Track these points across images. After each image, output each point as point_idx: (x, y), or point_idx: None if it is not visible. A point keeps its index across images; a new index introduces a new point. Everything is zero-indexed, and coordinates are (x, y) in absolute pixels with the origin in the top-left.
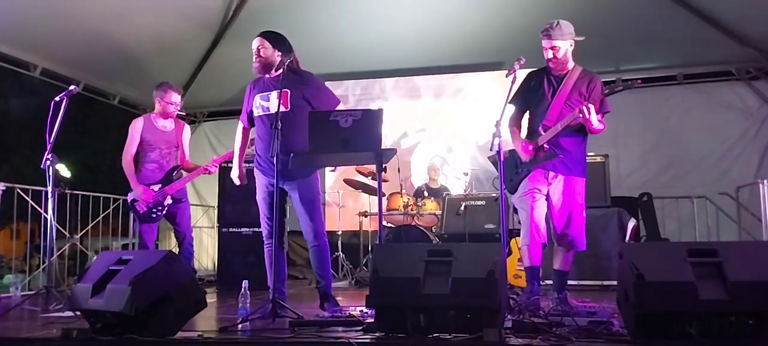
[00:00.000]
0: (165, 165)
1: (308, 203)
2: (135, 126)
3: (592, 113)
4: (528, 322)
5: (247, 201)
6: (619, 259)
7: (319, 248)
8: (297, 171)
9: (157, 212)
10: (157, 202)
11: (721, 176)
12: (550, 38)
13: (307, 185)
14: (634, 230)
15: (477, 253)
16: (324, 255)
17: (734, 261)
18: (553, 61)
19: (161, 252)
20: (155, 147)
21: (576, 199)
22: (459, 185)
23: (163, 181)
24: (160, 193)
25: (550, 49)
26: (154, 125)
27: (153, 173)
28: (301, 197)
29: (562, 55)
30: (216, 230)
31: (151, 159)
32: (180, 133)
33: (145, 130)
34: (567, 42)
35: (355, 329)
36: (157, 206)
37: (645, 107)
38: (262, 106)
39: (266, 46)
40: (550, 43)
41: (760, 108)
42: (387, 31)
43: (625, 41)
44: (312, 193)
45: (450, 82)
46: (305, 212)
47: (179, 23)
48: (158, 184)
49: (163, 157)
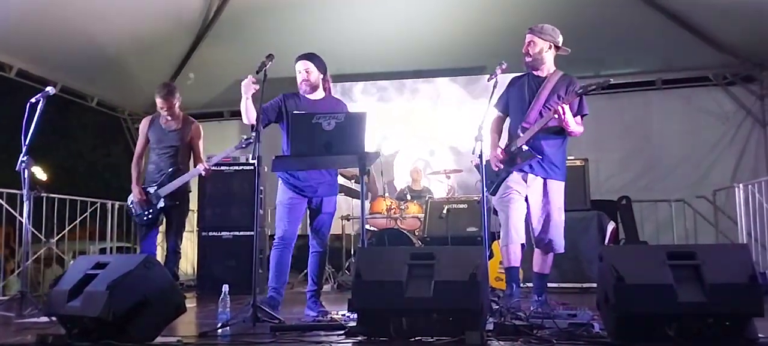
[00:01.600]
0: (162, 166)
1: (331, 215)
2: (142, 125)
3: (568, 113)
4: (509, 324)
5: (227, 205)
6: (599, 261)
7: (324, 254)
8: (325, 187)
9: (148, 215)
10: (149, 203)
11: (699, 179)
12: (531, 33)
13: (334, 200)
14: (613, 232)
15: (459, 256)
16: (325, 261)
17: (712, 264)
18: (528, 56)
19: (139, 256)
20: (155, 147)
21: (555, 202)
22: (441, 188)
23: (159, 182)
24: (154, 194)
25: (527, 44)
26: (158, 125)
27: (151, 174)
28: (327, 209)
29: (536, 51)
30: (196, 234)
31: (151, 159)
32: (186, 134)
33: (150, 130)
34: (545, 43)
35: (337, 333)
36: (149, 208)
37: (624, 112)
38: None
39: (312, 69)
40: (529, 37)
41: (736, 113)
42: (370, 35)
43: (606, 47)
44: (335, 207)
45: (432, 86)
46: (326, 223)
47: (159, 24)
48: (154, 185)
49: (160, 158)
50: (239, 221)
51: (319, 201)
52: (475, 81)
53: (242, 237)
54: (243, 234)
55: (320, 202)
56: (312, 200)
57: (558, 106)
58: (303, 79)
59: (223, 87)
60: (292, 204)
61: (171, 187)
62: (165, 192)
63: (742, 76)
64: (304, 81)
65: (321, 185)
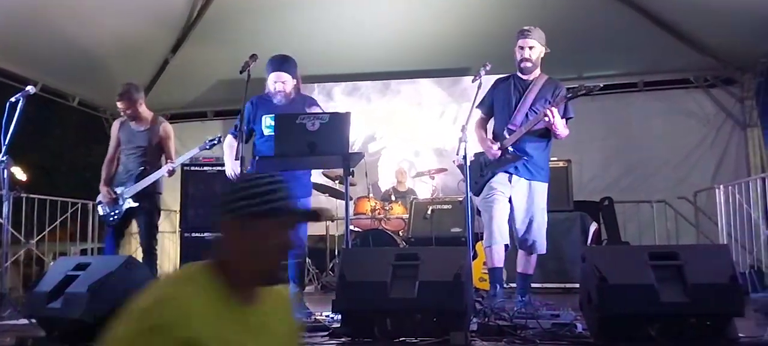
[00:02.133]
0: (130, 167)
1: None
2: (113, 127)
3: (557, 116)
4: (493, 325)
5: (210, 205)
6: (582, 262)
7: (303, 263)
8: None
9: (115, 215)
10: (115, 204)
11: (680, 181)
12: (526, 38)
13: (308, 203)
14: (595, 233)
15: (443, 256)
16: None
17: (693, 264)
18: (528, 61)
19: (121, 257)
20: (124, 148)
21: (538, 203)
22: (426, 189)
23: (127, 183)
24: (121, 195)
25: (527, 49)
26: (129, 126)
27: (120, 175)
28: None
29: (536, 56)
30: (178, 235)
31: (121, 160)
32: (154, 133)
33: (120, 131)
34: (541, 46)
35: (321, 335)
36: (114, 209)
37: (607, 114)
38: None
39: (288, 80)
40: (526, 42)
41: (717, 115)
42: (354, 36)
43: (588, 49)
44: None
45: (415, 87)
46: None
47: (141, 23)
48: (122, 186)
49: (128, 159)
50: None
51: None
52: (459, 82)
53: None
54: None
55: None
56: None
57: (548, 109)
58: (279, 91)
59: (206, 87)
60: None
61: (137, 187)
62: (131, 192)
63: (722, 78)
64: (279, 92)
65: (296, 187)
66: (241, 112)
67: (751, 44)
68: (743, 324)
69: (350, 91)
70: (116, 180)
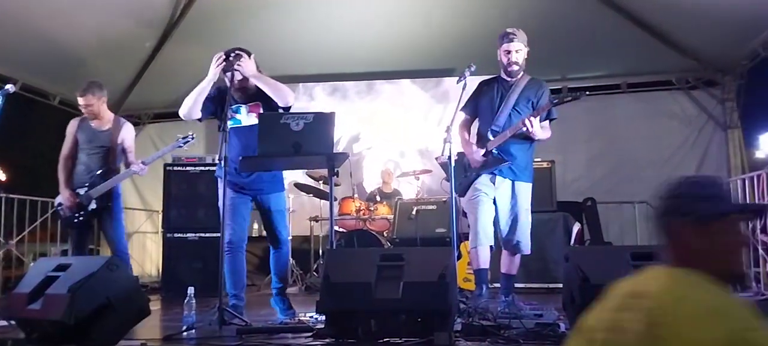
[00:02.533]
0: (93, 167)
1: (281, 212)
2: (70, 126)
3: (536, 126)
4: (477, 325)
5: (193, 205)
6: (565, 262)
7: (284, 253)
8: (269, 184)
9: (80, 217)
10: (80, 205)
11: (662, 181)
12: (512, 41)
13: (281, 196)
14: (578, 233)
15: (428, 257)
16: (287, 259)
17: None
18: (515, 64)
19: (103, 258)
20: (85, 148)
21: (522, 204)
22: (411, 190)
23: (90, 184)
24: (85, 196)
25: (515, 52)
26: (88, 125)
27: (81, 176)
28: (276, 206)
29: (523, 59)
30: (160, 235)
31: (81, 160)
32: (117, 134)
33: (79, 130)
34: (526, 47)
35: (305, 336)
36: (80, 210)
37: (590, 115)
38: (233, 118)
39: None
40: (513, 45)
41: (698, 117)
42: (338, 36)
43: (572, 50)
44: (284, 203)
45: (399, 87)
46: (278, 222)
47: (124, 22)
48: (85, 187)
49: (90, 159)
50: (205, 223)
51: (266, 199)
52: (443, 83)
53: (208, 239)
54: (209, 235)
55: (267, 200)
56: (257, 199)
57: (526, 119)
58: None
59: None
60: (234, 204)
61: (104, 187)
62: (97, 193)
63: (704, 80)
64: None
65: (264, 182)
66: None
67: (732, 47)
68: None
69: (334, 91)
70: (76, 180)
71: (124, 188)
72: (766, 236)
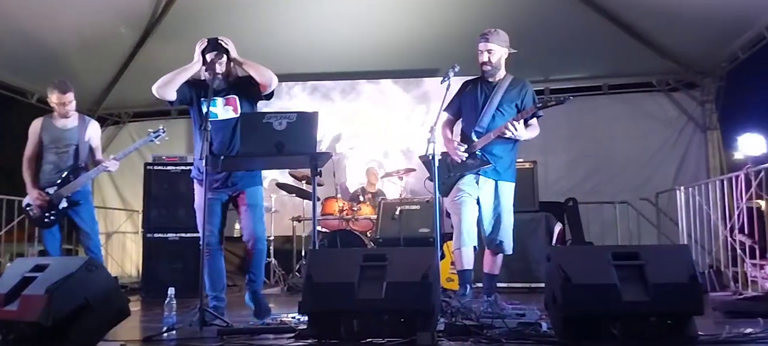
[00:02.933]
0: (62, 165)
1: (256, 207)
2: (33, 127)
3: (520, 129)
4: (460, 324)
5: (174, 205)
6: (547, 262)
7: (260, 251)
8: (246, 178)
9: (51, 216)
10: (50, 205)
11: (642, 182)
12: (487, 41)
13: (257, 191)
14: (560, 233)
15: (411, 257)
16: (263, 258)
17: (654, 264)
18: (488, 65)
19: (81, 258)
20: (52, 147)
21: (505, 203)
22: (395, 190)
23: (60, 182)
24: (55, 195)
25: (486, 52)
26: (54, 124)
27: (49, 175)
28: (251, 200)
29: (497, 59)
30: (140, 235)
31: (49, 160)
32: (83, 131)
33: (44, 130)
34: (503, 49)
35: (286, 336)
36: (51, 210)
37: (572, 116)
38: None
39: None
40: (486, 46)
41: (678, 118)
42: (321, 35)
43: (554, 52)
44: (260, 198)
45: (383, 87)
46: (252, 217)
47: (104, 20)
48: (54, 186)
49: (59, 158)
50: (186, 223)
51: (240, 194)
52: (427, 83)
53: (189, 239)
54: (190, 236)
55: (241, 195)
56: (232, 194)
57: (510, 122)
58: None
59: None
60: (210, 205)
61: (76, 185)
62: (68, 191)
63: (684, 82)
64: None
65: (238, 176)
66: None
67: (712, 50)
68: (702, 323)
69: (316, 90)
70: (44, 180)
71: (104, 188)
72: (744, 236)
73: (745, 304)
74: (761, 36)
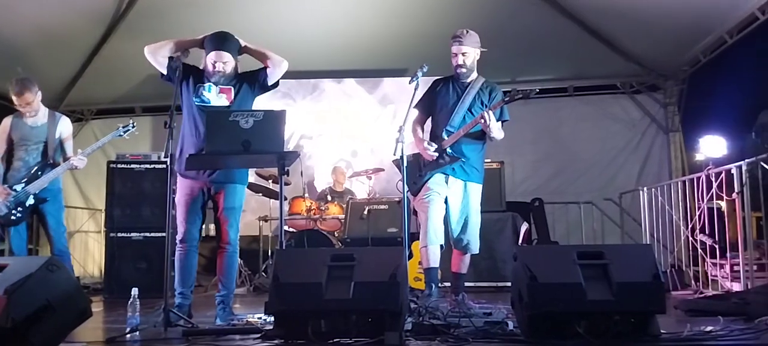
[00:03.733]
0: (31, 162)
1: (234, 209)
2: (2, 126)
3: (493, 119)
4: (427, 324)
5: (138, 204)
6: (514, 261)
7: (232, 254)
8: (232, 176)
9: (17, 214)
10: (17, 202)
11: (607, 183)
12: (461, 44)
13: (238, 190)
14: (526, 233)
15: (379, 257)
16: (234, 262)
17: (618, 263)
18: (463, 67)
19: (42, 258)
20: (22, 144)
21: (473, 204)
22: (363, 189)
23: (27, 179)
24: (23, 192)
25: (461, 55)
26: (24, 122)
27: (18, 172)
28: (229, 202)
29: (471, 61)
30: (103, 234)
31: (18, 157)
32: (53, 128)
33: (13, 128)
34: (476, 50)
35: (253, 337)
36: (17, 207)
37: (538, 117)
38: (201, 96)
39: (229, 60)
40: (460, 48)
41: (641, 120)
42: (290, 32)
43: (521, 53)
44: (240, 199)
45: (352, 86)
46: (229, 218)
47: (66, 15)
48: (22, 183)
49: (28, 155)
50: (150, 222)
51: (218, 192)
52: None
53: (153, 238)
54: (154, 235)
55: (220, 193)
56: (210, 192)
57: (484, 112)
58: (219, 71)
59: (135, 82)
60: (188, 201)
61: (44, 182)
62: (36, 188)
63: (647, 85)
64: (219, 72)
65: (219, 173)
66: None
67: (674, 53)
68: (665, 321)
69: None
70: (13, 177)
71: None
72: (705, 236)
73: (705, 302)
74: (722, 40)
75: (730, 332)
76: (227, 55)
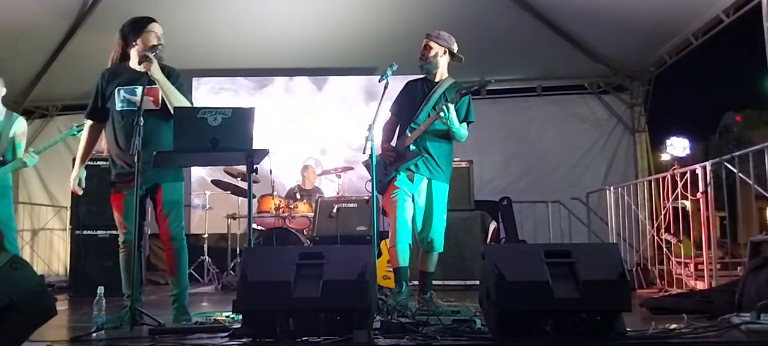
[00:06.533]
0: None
1: (173, 203)
2: None
3: (451, 111)
4: (395, 322)
5: (104, 202)
6: (482, 260)
7: (179, 250)
8: (166, 172)
9: None
10: None
11: (574, 182)
12: (428, 37)
13: (176, 187)
14: (494, 232)
15: (348, 255)
16: (182, 258)
17: (585, 262)
18: (422, 59)
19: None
20: None
21: (438, 203)
22: (332, 188)
23: None
24: None
25: (424, 47)
26: None
27: None
28: (168, 196)
29: (431, 55)
30: (68, 232)
31: None
32: (9, 127)
33: None
34: (440, 48)
35: (220, 336)
36: None
37: (507, 117)
38: (127, 99)
39: None
40: (425, 41)
41: (608, 120)
42: (258, 29)
43: (490, 53)
44: (179, 194)
45: (323, 84)
46: (169, 214)
47: (31, 9)
48: None
49: None
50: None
51: (156, 189)
52: (366, 81)
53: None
54: None
55: (159, 189)
56: (149, 189)
57: (441, 106)
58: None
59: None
60: (126, 201)
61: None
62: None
63: (614, 85)
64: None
65: (155, 171)
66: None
67: (641, 54)
68: (630, 319)
69: (256, 86)
70: None
71: (30, 183)
72: (670, 235)
73: (670, 300)
74: (687, 42)
75: (694, 330)
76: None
